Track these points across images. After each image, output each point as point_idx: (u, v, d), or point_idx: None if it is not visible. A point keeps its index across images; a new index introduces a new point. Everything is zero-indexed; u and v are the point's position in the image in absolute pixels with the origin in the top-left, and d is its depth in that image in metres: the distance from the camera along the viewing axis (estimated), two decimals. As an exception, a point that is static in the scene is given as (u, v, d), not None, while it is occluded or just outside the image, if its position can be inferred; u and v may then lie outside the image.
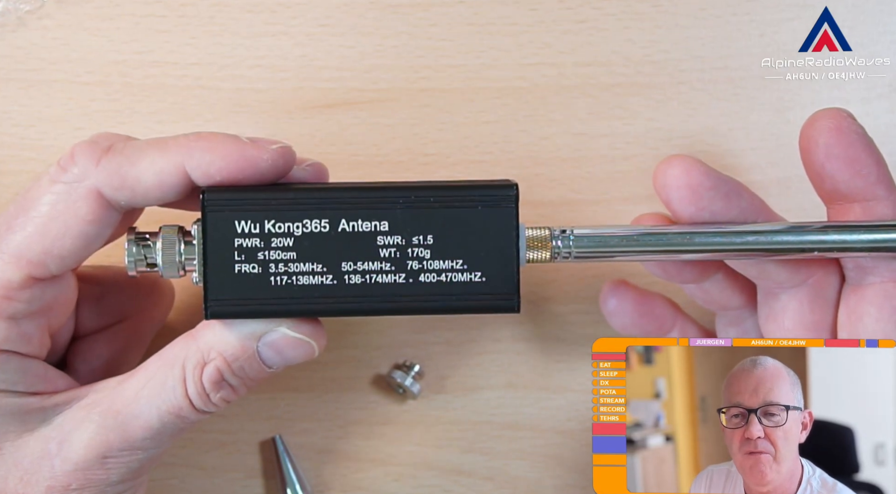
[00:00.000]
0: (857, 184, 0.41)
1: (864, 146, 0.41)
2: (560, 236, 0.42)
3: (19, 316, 0.41)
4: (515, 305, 0.40)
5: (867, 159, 0.41)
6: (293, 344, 0.41)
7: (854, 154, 0.41)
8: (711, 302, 0.46)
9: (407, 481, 0.51)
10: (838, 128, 0.41)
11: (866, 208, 0.42)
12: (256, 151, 0.40)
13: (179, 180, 0.40)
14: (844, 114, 0.42)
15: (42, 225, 0.40)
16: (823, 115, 0.42)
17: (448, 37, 0.50)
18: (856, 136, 0.41)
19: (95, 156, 0.40)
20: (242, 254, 0.40)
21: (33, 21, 0.50)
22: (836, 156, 0.41)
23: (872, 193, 0.42)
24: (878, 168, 0.41)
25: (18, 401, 0.41)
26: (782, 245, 0.42)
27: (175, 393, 0.41)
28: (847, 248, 0.41)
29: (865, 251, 0.41)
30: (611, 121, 0.51)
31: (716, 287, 0.45)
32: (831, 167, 0.42)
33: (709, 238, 0.42)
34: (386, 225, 0.40)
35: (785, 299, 0.44)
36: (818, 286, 0.43)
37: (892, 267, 0.42)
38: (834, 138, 0.41)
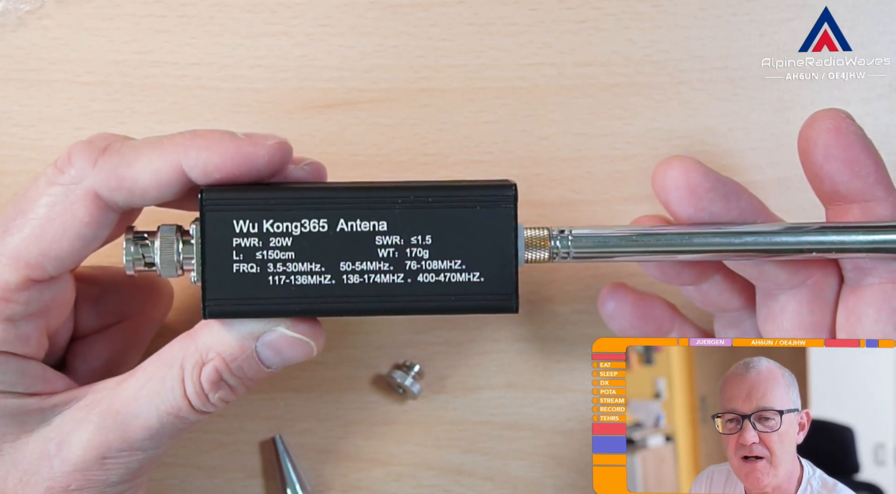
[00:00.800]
0: (855, 185, 0.41)
1: (863, 147, 0.41)
2: (559, 236, 0.42)
3: (17, 317, 0.41)
4: (514, 305, 0.40)
5: (866, 160, 0.41)
6: (292, 343, 0.41)
7: (853, 155, 0.41)
8: (710, 303, 0.46)
9: (407, 481, 0.51)
10: (837, 129, 0.41)
11: (865, 209, 0.42)
12: (253, 147, 0.40)
13: (176, 179, 0.40)
14: (843, 114, 0.42)
15: (39, 227, 0.40)
16: (822, 116, 0.42)
17: (448, 37, 0.50)
18: (854, 137, 0.41)
19: (92, 158, 0.40)
20: (241, 254, 0.40)
21: (33, 21, 0.50)
22: (835, 157, 0.41)
23: (871, 194, 0.42)
24: (877, 169, 0.41)
25: (17, 402, 0.41)
26: (780, 246, 0.42)
27: (174, 393, 0.41)
28: (845, 249, 0.41)
29: (863, 252, 0.41)
30: (611, 121, 0.51)
31: (714, 288, 0.45)
32: (830, 168, 0.41)
33: (708, 238, 0.41)
34: (384, 225, 0.40)
35: (784, 300, 0.44)
36: (817, 287, 0.43)
37: (891, 269, 0.42)
38: (833, 139, 0.41)
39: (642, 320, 0.47)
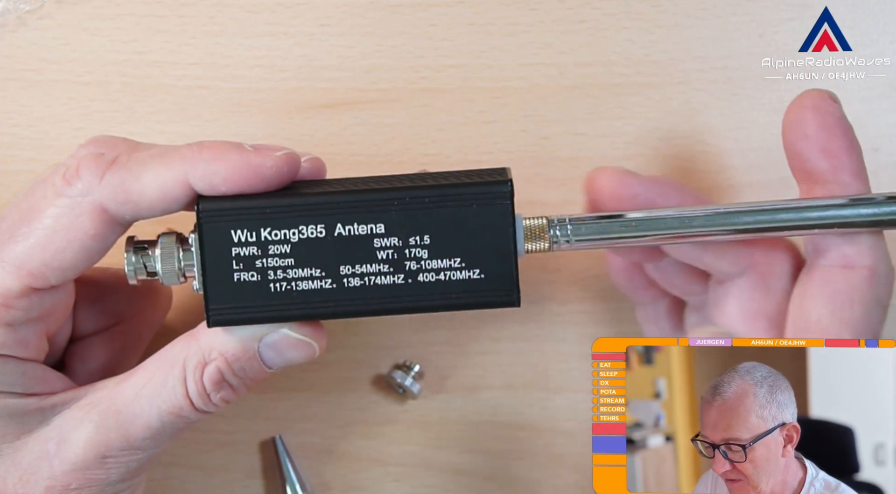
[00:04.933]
0: (821, 165, 0.42)
1: (839, 130, 0.42)
2: (558, 225, 0.42)
3: (17, 322, 0.41)
4: (515, 300, 0.40)
5: (837, 143, 0.42)
6: (294, 344, 0.41)
7: (825, 135, 0.42)
8: (672, 285, 0.47)
9: (407, 481, 0.51)
10: (815, 108, 0.42)
11: (827, 191, 0.42)
12: (260, 159, 0.40)
13: (183, 192, 0.40)
14: (827, 95, 0.42)
15: (45, 237, 0.40)
16: (807, 95, 0.42)
17: (448, 37, 0.50)
18: (832, 119, 0.42)
19: (100, 171, 0.40)
20: (240, 263, 0.40)
21: (33, 21, 0.50)
22: (808, 135, 0.42)
23: (835, 177, 0.42)
24: (849, 154, 0.42)
25: (17, 402, 0.41)
26: (781, 222, 0.42)
27: (175, 392, 0.41)
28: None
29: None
30: (611, 121, 0.51)
31: (671, 269, 0.46)
32: (801, 145, 0.42)
33: (708, 220, 0.42)
34: (382, 227, 0.40)
35: (727, 286, 0.44)
36: (760, 275, 0.44)
37: (842, 253, 0.42)
38: (810, 117, 0.42)
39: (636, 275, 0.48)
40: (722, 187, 0.51)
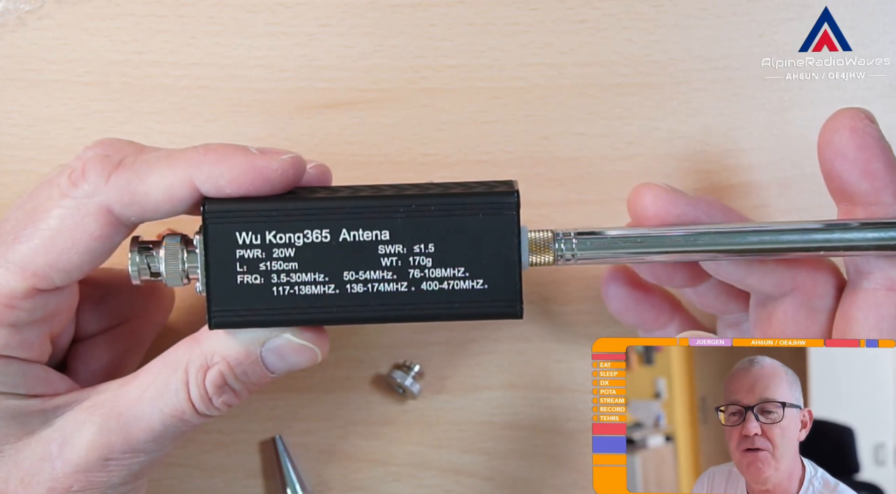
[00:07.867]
0: (862, 186, 0.41)
1: (878, 150, 0.41)
2: (563, 239, 0.42)
3: (21, 323, 0.41)
4: (518, 312, 0.40)
5: (877, 164, 0.41)
6: (297, 349, 0.41)
7: (864, 157, 0.41)
8: (708, 305, 0.46)
9: (407, 481, 0.51)
10: (853, 129, 0.41)
11: (869, 212, 0.42)
12: (266, 162, 0.40)
13: (188, 194, 0.40)
14: (863, 115, 0.42)
15: (49, 238, 0.40)
16: (842, 115, 0.42)
17: (448, 37, 0.50)
18: (871, 139, 0.41)
19: (106, 173, 0.40)
20: (244, 265, 0.40)
21: (33, 21, 0.50)
22: (846, 156, 0.41)
23: (877, 198, 0.41)
24: (889, 174, 0.41)
25: (19, 404, 0.41)
26: (784, 244, 0.42)
27: (178, 396, 0.41)
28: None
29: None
30: (611, 121, 0.51)
31: (711, 291, 0.45)
32: (840, 167, 0.41)
33: (714, 238, 0.42)
34: (387, 234, 0.40)
35: (771, 308, 0.44)
36: (804, 296, 0.43)
37: (887, 275, 0.42)
38: (848, 138, 0.41)
39: (641, 305, 0.47)
40: (722, 187, 0.51)
